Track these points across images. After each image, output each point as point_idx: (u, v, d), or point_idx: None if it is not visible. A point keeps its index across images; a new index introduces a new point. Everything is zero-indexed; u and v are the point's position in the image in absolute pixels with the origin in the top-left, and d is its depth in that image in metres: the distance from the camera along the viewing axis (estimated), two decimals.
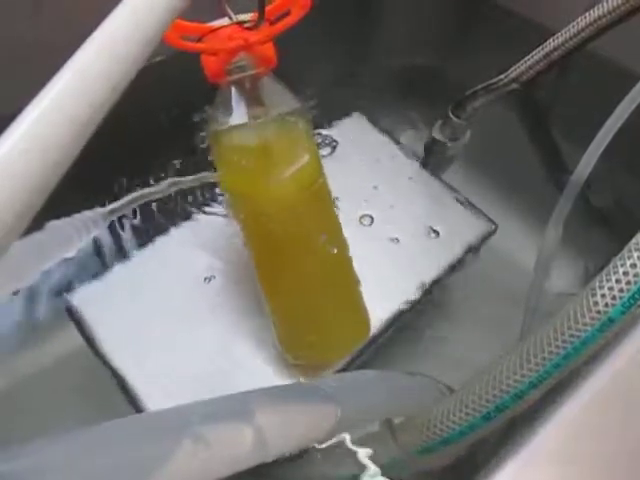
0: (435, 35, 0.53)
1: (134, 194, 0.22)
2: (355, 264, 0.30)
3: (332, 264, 0.29)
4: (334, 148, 0.39)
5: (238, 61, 0.23)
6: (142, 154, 0.42)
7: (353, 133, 0.40)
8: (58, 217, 0.20)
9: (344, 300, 0.30)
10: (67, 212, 0.22)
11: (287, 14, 0.24)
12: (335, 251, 0.28)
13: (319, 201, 0.27)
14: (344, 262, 0.29)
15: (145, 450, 0.17)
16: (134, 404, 0.29)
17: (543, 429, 0.15)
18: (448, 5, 0.55)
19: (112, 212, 0.21)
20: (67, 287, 0.33)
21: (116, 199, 0.22)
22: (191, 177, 0.25)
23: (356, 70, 0.50)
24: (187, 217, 0.36)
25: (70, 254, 0.18)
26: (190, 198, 0.39)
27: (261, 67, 0.24)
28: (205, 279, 0.33)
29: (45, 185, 0.10)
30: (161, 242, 0.34)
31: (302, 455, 0.23)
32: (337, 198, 0.36)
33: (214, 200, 0.38)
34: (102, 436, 0.17)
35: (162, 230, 0.35)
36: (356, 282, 0.30)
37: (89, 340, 0.30)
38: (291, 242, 0.27)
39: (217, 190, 0.38)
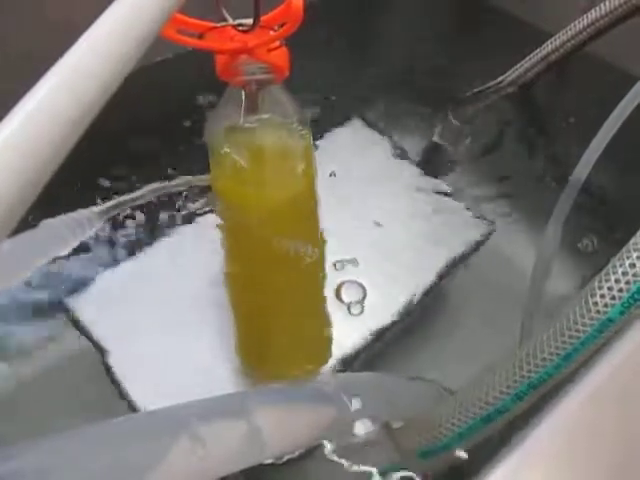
0: (434, 39, 0.53)
1: (125, 196, 0.22)
2: (353, 268, 0.30)
3: (305, 283, 0.28)
4: (332, 153, 0.39)
5: (250, 63, 0.23)
6: (145, 153, 0.42)
7: (352, 137, 0.40)
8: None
9: (308, 325, 0.29)
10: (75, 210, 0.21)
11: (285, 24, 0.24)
12: (311, 269, 0.27)
13: (304, 214, 0.26)
14: (317, 283, 0.28)
15: (143, 449, 0.17)
16: (132, 406, 0.28)
17: (539, 428, 0.15)
18: (447, 9, 0.55)
19: (108, 211, 0.21)
20: (67, 287, 0.34)
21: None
22: (175, 181, 0.25)
23: (355, 74, 0.50)
24: (188, 220, 0.36)
25: (63, 253, 0.18)
26: (190, 201, 0.40)
27: (272, 74, 0.24)
28: (204, 281, 0.33)
29: (33, 183, 0.10)
30: (161, 245, 0.35)
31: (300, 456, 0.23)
32: (337, 202, 0.36)
33: (213, 203, 0.38)
34: (101, 435, 0.17)
35: (162, 233, 0.35)
36: (325, 308, 0.29)
37: (88, 341, 0.30)
38: (268, 253, 0.26)
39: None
